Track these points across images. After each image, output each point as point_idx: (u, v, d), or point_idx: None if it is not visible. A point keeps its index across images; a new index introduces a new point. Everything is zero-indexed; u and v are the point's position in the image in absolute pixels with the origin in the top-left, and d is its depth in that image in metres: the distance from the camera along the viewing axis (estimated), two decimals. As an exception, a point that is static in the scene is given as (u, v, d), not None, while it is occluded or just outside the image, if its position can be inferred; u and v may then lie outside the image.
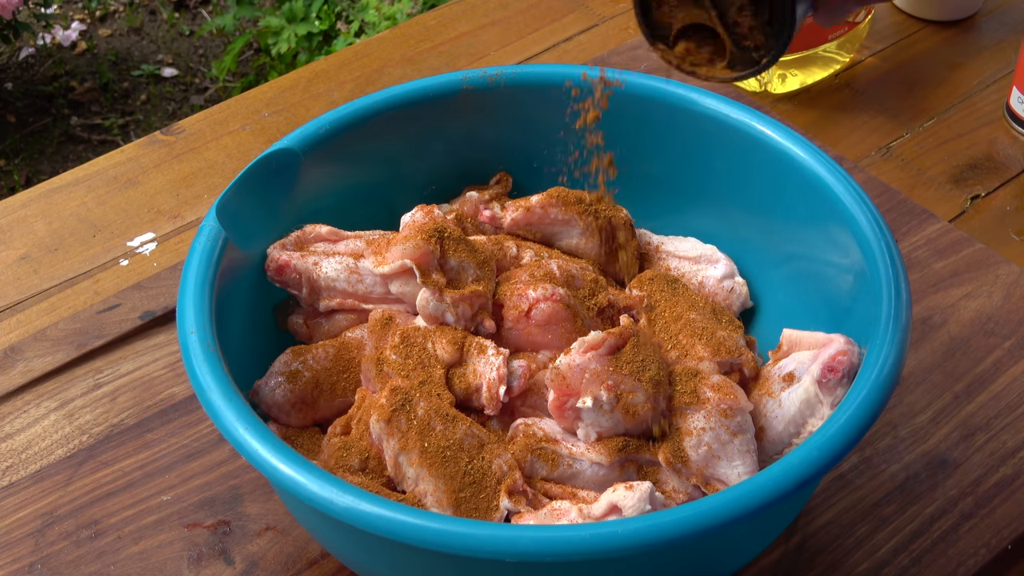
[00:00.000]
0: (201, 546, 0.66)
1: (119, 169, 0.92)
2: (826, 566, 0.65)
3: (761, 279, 0.73)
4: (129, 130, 2.12)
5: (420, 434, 0.58)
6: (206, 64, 2.26)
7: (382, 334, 0.64)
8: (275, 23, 2.03)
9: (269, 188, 0.67)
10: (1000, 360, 0.75)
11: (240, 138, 0.95)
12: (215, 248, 0.62)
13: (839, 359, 0.60)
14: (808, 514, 0.67)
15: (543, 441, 0.60)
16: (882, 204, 0.85)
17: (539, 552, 0.49)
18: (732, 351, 0.64)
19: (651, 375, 0.59)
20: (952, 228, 0.84)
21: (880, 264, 0.61)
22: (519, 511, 0.58)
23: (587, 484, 0.60)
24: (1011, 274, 0.81)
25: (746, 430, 0.60)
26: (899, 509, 0.68)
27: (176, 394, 0.74)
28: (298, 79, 1.00)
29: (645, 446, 0.60)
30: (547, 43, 1.04)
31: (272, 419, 0.64)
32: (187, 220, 0.87)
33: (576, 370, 0.59)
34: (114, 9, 2.41)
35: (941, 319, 0.78)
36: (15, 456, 0.71)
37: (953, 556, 0.65)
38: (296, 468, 0.52)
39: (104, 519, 0.68)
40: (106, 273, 0.84)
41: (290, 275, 0.66)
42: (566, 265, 0.67)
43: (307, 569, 0.65)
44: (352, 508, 0.51)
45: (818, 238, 0.67)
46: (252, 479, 0.69)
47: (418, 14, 1.69)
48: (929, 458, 0.70)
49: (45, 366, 0.76)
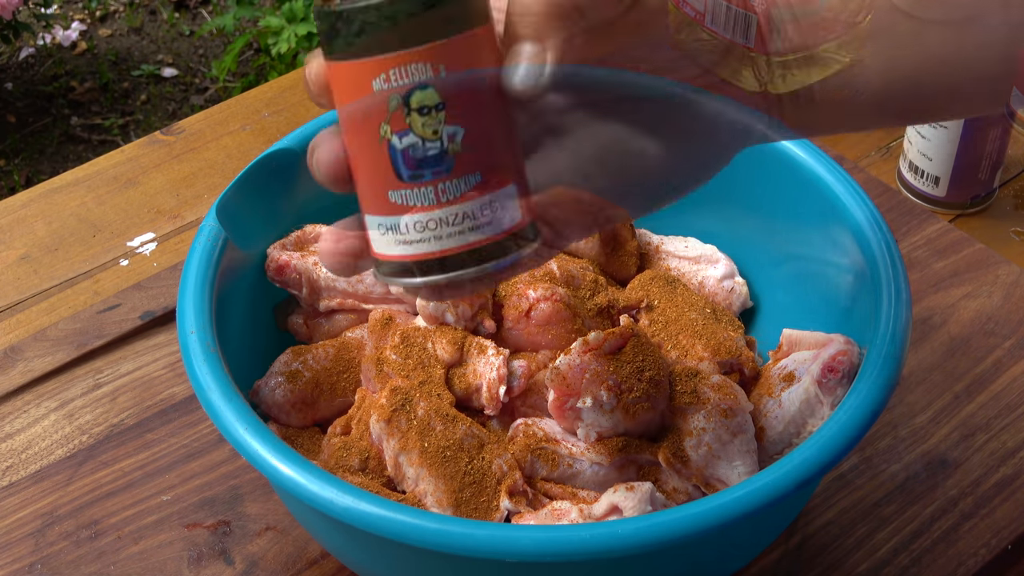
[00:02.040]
0: (201, 546, 0.66)
1: (119, 169, 0.92)
2: (826, 566, 0.65)
3: (761, 279, 0.73)
4: (129, 130, 2.12)
5: (420, 434, 0.58)
6: (206, 64, 2.26)
7: (382, 334, 0.64)
8: (275, 23, 2.03)
9: (269, 188, 0.67)
10: (1000, 360, 0.75)
11: (240, 138, 0.95)
12: (215, 248, 0.62)
13: (839, 359, 0.60)
14: (808, 514, 0.67)
15: (543, 441, 0.60)
16: (882, 204, 0.85)
17: (539, 552, 0.49)
18: (732, 351, 0.64)
19: (651, 375, 0.59)
20: (952, 228, 0.84)
21: (880, 264, 0.61)
22: (519, 511, 0.58)
23: (587, 484, 0.60)
24: (1011, 274, 0.81)
25: (746, 430, 0.60)
26: (899, 509, 0.68)
27: (176, 394, 0.74)
28: (298, 79, 1.00)
29: (645, 446, 0.60)
30: (547, 43, 1.04)
31: (272, 419, 0.64)
32: (187, 220, 0.87)
33: (576, 370, 0.59)
34: (114, 9, 2.41)
35: (941, 319, 0.78)
36: (15, 456, 0.71)
37: (953, 556, 0.65)
38: (296, 468, 0.52)
39: (104, 519, 0.68)
40: (106, 273, 0.84)
41: (290, 275, 0.66)
42: (566, 265, 0.67)
43: (307, 569, 0.65)
44: (352, 508, 0.51)
45: (818, 238, 0.67)
46: (252, 479, 0.69)
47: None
48: (929, 458, 0.70)
49: (45, 366, 0.76)
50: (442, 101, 0.42)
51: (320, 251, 0.47)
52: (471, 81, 0.42)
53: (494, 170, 0.43)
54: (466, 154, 0.42)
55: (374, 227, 0.44)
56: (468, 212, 0.43)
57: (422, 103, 0.42)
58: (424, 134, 0.42)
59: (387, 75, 0.41)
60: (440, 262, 0.44)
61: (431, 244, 0.43)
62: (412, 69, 0.41)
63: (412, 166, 0.43)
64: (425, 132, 0.42)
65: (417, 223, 0.43)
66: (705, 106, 0.46)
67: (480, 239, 0.43)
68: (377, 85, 0.42)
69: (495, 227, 0.44)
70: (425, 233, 0.43)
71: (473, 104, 0.42)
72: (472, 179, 0.43)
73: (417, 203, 0.43)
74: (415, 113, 0.42)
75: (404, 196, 0.43)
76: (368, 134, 0.43)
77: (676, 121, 0.46)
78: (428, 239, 0.43)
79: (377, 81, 0.42)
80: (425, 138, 0.42)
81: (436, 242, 0.43)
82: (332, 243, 0.46)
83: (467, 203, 0.43)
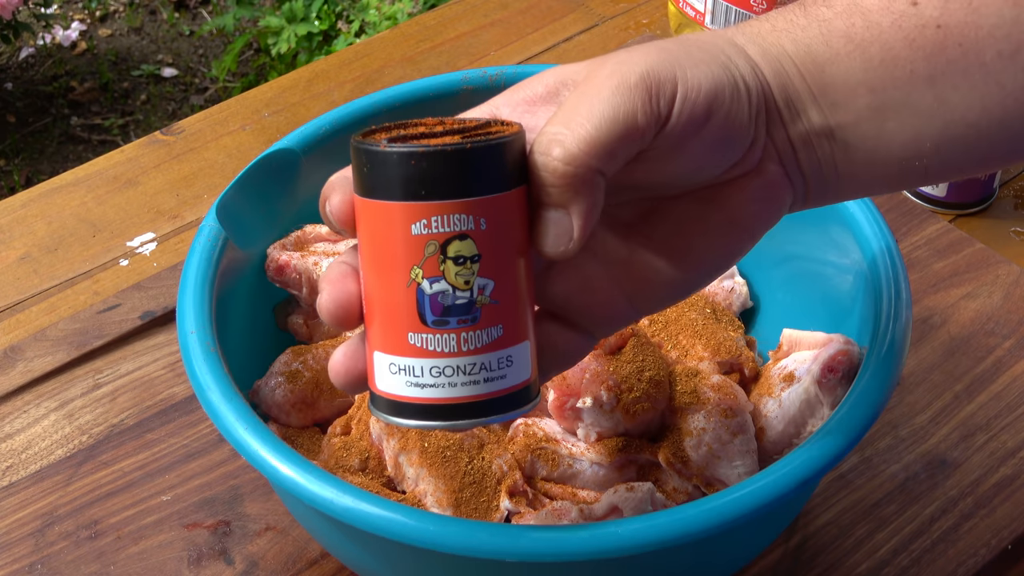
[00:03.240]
0: (201, 546, 0.66)
1: (119, 169, 0.92)
2: (826, 566, 0.65)
3: (761, 279, 0.73)
4: (129, 130, 2.12)
5: (420, 434, 0.58)
6: (206, 64, 2.26)
7: (382, 334, 0.64)
8: (275, 23, 2.03)
9: (269, 188, 0.67)
10: (1000, 360, 0.75)
11: (240, 138, 0.95)
12: (215, 248, 0.62)
13: (839, 359, 0.60)
14: (808, 514, 0.67)
15: (543, 441, 0.60)
16: (882, 204, 0.85)
17: (539, 552, 0.49)
18: (732, 351, 0.64)
19: (651, 375, 0.59)
20: (952, 228, 0.84)
21: (880, 264, 0.61)
22: (519, 511, 0.58)
23: (587, 484, 0.60)
24: (1011, 274, 0.81)
25: (746, 430, 0.60)
26: (899, 509, 0.68)
27: (176, 394, 0.74)
28: (298, 79, 1.00)
29: (645, 446, 0.60)
30: (547, 43, 1.04)
31: (272, 419, 0.64)
32: (187, 220, 0.87)
33: (576, 370, 0.59)
34: (114, 9, 2.41)
35: (941, 319, 0.78)
36: (15, 456, 0.71)
37: (953, 556, 0.65)
38: (296, 468, 0.52)
39: (104, 519, 0.68)
40: (106, 273, 0.84)
41: (290, 275, 0.66)
42: (566, 265, 0.67)
43: (307, 569, 0.65)
44: (352, 508, 0.51)
45: (818, 238, 0.67)
46: (252, 479, 0.69)
47: (418, 14, 1.69)
48: (929, 458, 0.70)
49: (45, 366, 0.76)
50: (478, 253, 0.42)
51: (332, 369, 0.46)
52: (508, 238, 0.43)
53: (515, 325, 0.44)
54: (492, 307, 0.43)
55: (383, 364, 0.44)
56: (486, 363, 0.43)
57: (459, 252, 0.42)
58: (456, 283, 0.42)
59: (428, 221, 0.42)
60: (448, 408, 0.44)
61: (443, 390, 0.44)
62: (455, 219, 0.42)
63: (439, 312, 0.43)
64: (457, 281, 0.42)
65: (434, 368, 0.43)
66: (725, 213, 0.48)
67: (491, 391, 0.44)
68: (416, 229, 0.42)
69: (508, 380, 0.44)
70: (440, 379, 0.43)
71: (505, 259, 0.43)
72: (495, 332, 0.43)
73: (438, 349, 0.43)
74: (450, 261, 0.42)
75: (425, 340, 0.43)
76: (397, 275, 0.43)
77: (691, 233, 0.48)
78: (442, 385, 0.43)
79: (417, 225, 0.42)
80: (456, 287, 0.42)
81: (449, 389, 0.43)
82: (344, 364, 0.46)
83: (487, 354, 0.43)
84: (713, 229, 0.47)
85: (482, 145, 0.41)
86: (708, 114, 0.44)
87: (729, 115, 0.44)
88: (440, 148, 0.41)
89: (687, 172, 0.46)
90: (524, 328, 0.44)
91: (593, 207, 0.43)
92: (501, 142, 0.42)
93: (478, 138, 0.42)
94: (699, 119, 0.44)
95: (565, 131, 0.42)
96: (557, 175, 0.42)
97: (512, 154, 0.42)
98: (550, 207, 0.43)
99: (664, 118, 0.43)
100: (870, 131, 0.46)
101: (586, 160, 0.42)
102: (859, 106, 0.46)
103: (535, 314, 0.46)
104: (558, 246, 0.43)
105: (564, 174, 0.42)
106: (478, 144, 0.41)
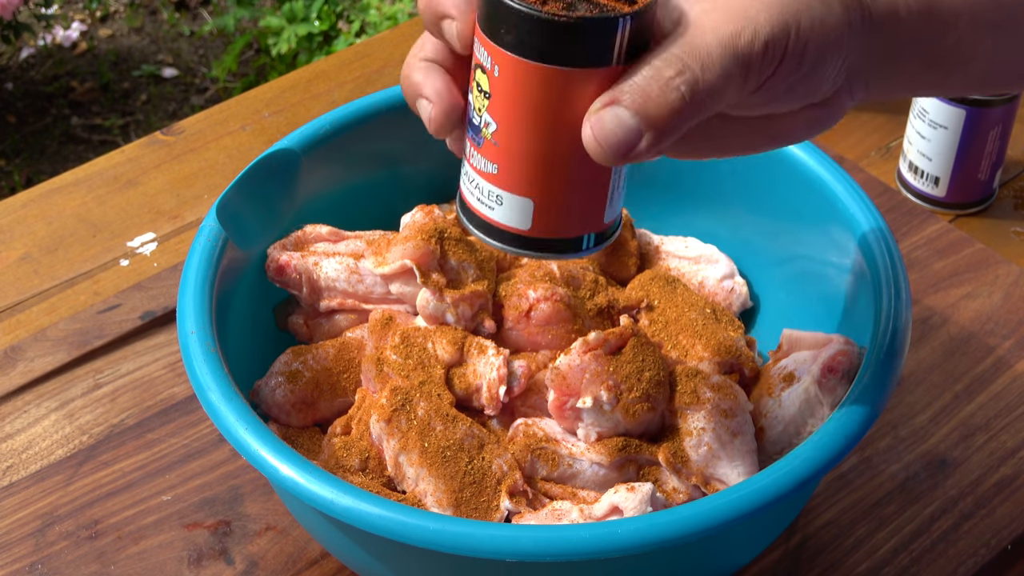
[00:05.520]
0: (201, 546, 0.66)
1: (119, 169, 0.92)
2: (826, 566, 0.65)
3: (761, 279, 0.73)
4: (129, 130, 2.12)
5: (420, 434, 0.58)
6: (206, 64, 2.26)
7: (382, 334, 0.64)
8: (275, 23, 2.03)
9: (269, 188, 0.67)
10: (1000, 360, 0.75)
11: (240, 138, 0.95)
12: (215, 248, 0.62)
13: (839, 359, 0.60)
14: (808, 514, 0.67)
15: (543, 441, 0.60)
16: (882, 204, 0.85)
17: (539, 552, 0.49)
18: (732, 351, 0.64)
19: (651, 375, 0.59)
20: (952, 228, 0.84)
21: (880, 264, 0.61)
22: (519, 511, 0.58)
23: (587, 484, 0.60)
24: (1011, 274, 0.81)
25: (746, 430, 0.60)
26: (899, 509, 0.68)
27: (176, 394, 0.74)
28: (298, 79, 1.00)
29: (645, 446, 0.60)
30: (547, 43, 1.04)
31: (272, 419, 0.64)
32: (187, 220, 0.87)
33: (576, 370, 0.59)
34: (114, 9, 2.41)
35: (941, 319, 0.78)
36: (15, 456, 0.71)
37: (953, 556, 0.65)
38: (296, 468, 0.52)
39: (104, 519, 0.68)
40: (106, 273, 0.84)
41: (290, 275, 0.66)
42: (566, 265, 0.67)
43: (307, 569, 0.65)
44: (352, 508, 0.51)
45: (818, 238, 0.67)
46: (252, 479, 0.69)
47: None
48: (929, 458, 0.70)
49: (45, 366, 0.76)
50: (489, 92, 0.47)
51: (429, 114, 0.49)
52: (525, 97, 0.46)
53: (512, 175, 0.48)
54: (492, 145, 0.48)
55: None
56: (480, 185, 0.49)
57: (478, 82, 0.47)
58: (475, 103, 0.48)
59: (480, 47, 0.47)
60: (464, 206, 0.51)
61: (466, 189, 0.51)
62: (482, 54, 0.47)
63: (467, 117, 0.49)
64: (475, 103, 0.48)
65: (464, 165, 0.51)
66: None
67: (484, 214, 0.50)
68: (475, 49, 0.47)
69: (496, 215, 0.50)
70: (464, 179, 0.51)
71: (516, 114, 0.47)
72: (490, 166, 0.49)
73: (465, 149, 0.50)
74: (475, 84, 0.48)
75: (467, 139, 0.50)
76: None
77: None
78: (465, 184, 0.51)
79: (476, 43, 0.47)
80: (474, 107, 0.48)
81: (467, 187, 0.50)
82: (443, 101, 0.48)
83: (481, 178, 0.49)
84: (760, 144, 0.50)
85: (531, 14, 0.44)
86: (811, 73, 0.45)
87: (826, 73, 0.46)
88: (517, 7, 0.44)
89: (760, 106, 0.47)
90: (524, 185, 0.48)
91: (666, 146, 0.45)
92: (540, 18, 0.44)
93: (547, 11, 0.44)
94: (802, 80, 0.45)
95: (697, 70, 0.43)
96: (671, 103, 0.43)
97: (549, 33, 0.44)
98: (635, 114, 0.44)
99: (768, 78, 0.45)
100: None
101: (706, 101, 0.44)
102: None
103: (564, 185, 0.48)
104: (613, 151, 0.44)
105: (680, 109, 0.43)
106: (531, 11, 0.44)
